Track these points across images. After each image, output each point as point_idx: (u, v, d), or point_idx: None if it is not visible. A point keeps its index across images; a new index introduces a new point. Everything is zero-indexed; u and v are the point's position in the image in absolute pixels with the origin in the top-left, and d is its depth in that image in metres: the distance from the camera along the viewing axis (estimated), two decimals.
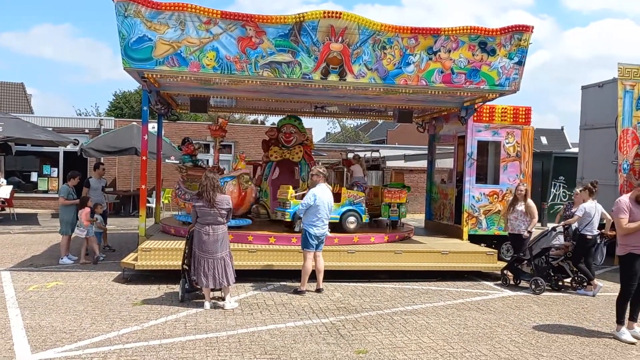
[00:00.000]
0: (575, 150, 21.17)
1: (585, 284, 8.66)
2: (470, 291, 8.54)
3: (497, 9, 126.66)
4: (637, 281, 6.15)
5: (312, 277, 7.95)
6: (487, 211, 10.93)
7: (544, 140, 43.97)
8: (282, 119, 11.52)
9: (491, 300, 8.01)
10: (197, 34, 8.11)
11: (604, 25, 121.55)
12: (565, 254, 8.78)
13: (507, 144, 11.03)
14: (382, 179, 14.28)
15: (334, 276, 8.55)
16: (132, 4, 7.90)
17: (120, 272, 8.65)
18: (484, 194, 10.93)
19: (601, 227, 8.90)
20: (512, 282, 9.01)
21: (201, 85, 9.39)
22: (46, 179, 19.42)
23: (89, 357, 5.12)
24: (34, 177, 19.52)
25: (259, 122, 36.26)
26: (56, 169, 19.41)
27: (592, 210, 8.54)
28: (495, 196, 10.96)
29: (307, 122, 12.07)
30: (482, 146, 11.12)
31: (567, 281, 8.90)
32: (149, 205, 13.69)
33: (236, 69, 8.29)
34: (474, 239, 10.68)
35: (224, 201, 7.02)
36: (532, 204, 8.99)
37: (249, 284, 8.26)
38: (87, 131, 19.63)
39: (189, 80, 8.70)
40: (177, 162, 15.48)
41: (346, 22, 8.31)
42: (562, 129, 49.13)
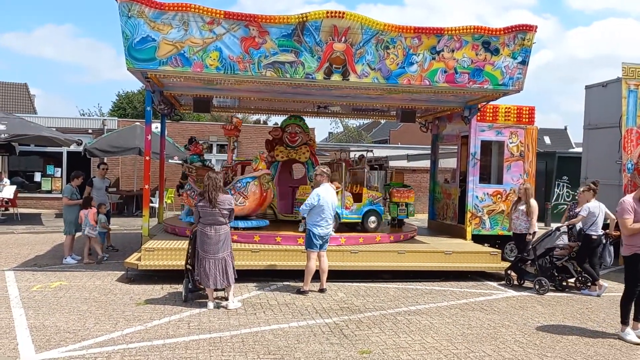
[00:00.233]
0: (578, 150, 21.13)
1: (589, 284, 8.64)
2: (473, 291, 8.52)
3: (499, 8, 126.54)
4: None
5: (315, 277, 7.94)
6: (490, 211, 10.91)
7: (548, 140, 43.84)
8: (286, 118, 11.51)
9: (495, 300, 7.99)
10: (200, 34, 8.11)
11: (607, 24, 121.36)
12: (569, 254, 8.76)
13: (510, 143, 11.01)
14: (384, 179, 14.24)
15: (337, 276, 8.54)
16: (135, 4, 7.91)
17: (123, 272, 8.66)
18: (488, 193, 10.91)
19: (605, 227, 8.88)
20: (516, 282, 8.99)
21: (204, 85, 9.40)
22: (50, 179, 19.49)
23: (92, 357, 5.13)
24: (37, 177, 19.59)
25: (262, 122, 36.31)
26: (60, 169, 19.47)
27: (596, 210, 8.53)
28: (498, 196, 10.94)
29: (309, 121, 12.06)
30: (486, 146, 11.11)
31: (571, 281, 8.88)
32: (152, 205, 13.71)
33: (239, 69, 8.28)
34: (478, 239, 10.66)
35: (226, 201, 7.01)
36: (533, 204, 8.95)
37: (252, 284, 8.26)
38: (90, 131, 19.68)
39: (192, 80, 8.70)
40: (180, 162, 15.54)
41: (349, 22, 8.30)
42: (565, 128, 48.98)
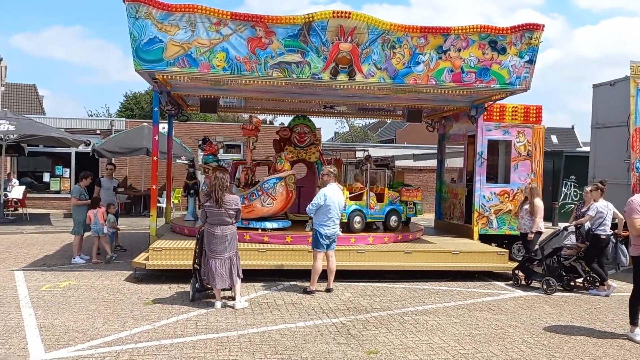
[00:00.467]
0: (586, 149, 20.97)
1: (597, 284, 8.59)
2: (481, 291, 8.50)
3: (505, 9, 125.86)
4: None
5: (322, 276, 7.95)
6: (497, 211, 10.87)
7: (555, 139, 43.56)
8: (294, 118, 11.51)
9: (502, 300, 7.97)
10: (207, 35, 8.15)
11: (614, 23, 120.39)
12: (577, 254, 8.71)
13: (517, 143, 10.97)
14: (391, 179, 14.24)
15: (343, 276, 8.55)
16: (143, 5, 7.95)
17: (131, 272, 8.71)
18: (495, 193, 10.88)
19: (614, 227, 8.82)
20: (523, 282, 8.96)
21: (211, 85, 9.44)
22: (58, 179, 19.61)
23: (101, 356, 5.16)
24: (46, 177, 19.72)
25: (268, 122, 36.33)
26: (68, 170, 19.58)
27: (605, 209, 8.47)
28: (506, 195, 10.90)
29: (315, 121, 12.07)
30: (493, 145, 11.07)
31: (578, 281, 8.83)
32: (159, 205, 13.77)
33: (246, 70, 8.31)
34: (485, 238, 10.63)
35: (232, 201, 7.04)
36: (537, 203, 8.90)
37: (259, 284, 8.28)
38: (98, 132, 19.79)
39: (199, 80, 8.74)
40: (187, 162, 15.59)
41: (355, 22, 8.30)
42: (572, 127, 48.65)
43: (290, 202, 9.87)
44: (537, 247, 8.87)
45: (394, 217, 10.38)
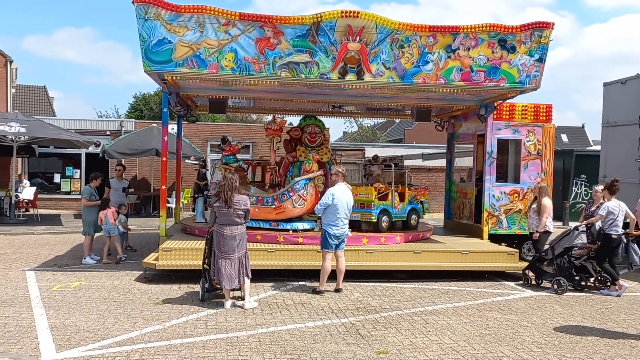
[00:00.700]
0: (596, 148, 20.82)
1: (608, 283, 8.51)
2: (491, 291, 8.46)
3: (515, 7, 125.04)
4: None
5: (331, 276, 7.95)
6: (507, 210, 10.80)
7: (565, 138, 43.30)
8: (305, 118, 11.50)
9: (513, 300, 7.92)
10: (215, 35, 8.17)
11: (624, 21, 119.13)
12: (588, 254, 8.64)
13: (527, 142, 10.90)
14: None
15: (352, 276, 8.54)
16: (152, 6, 7.99)
17: (141, 272, 8.76)
18: (505, 192, 10.81)
19: (625, 226, 8.73)
20: (533, 282, 8.90)
21: (220, 86, 9.47)
22: (69, 180, 19.77)
23: (112, 356, 5.20)
24: (56, 178, 19.89)
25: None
26: (78, 171, 19.73)
27: (616, 209, 8.37)
28: (515, 195, 10.83)
29: (324, 121, 12.05)
30: (502, 144, 11.01)
31: (590, 281, 8.76)
32: (168, 205, 13.83)
33: (254, 70, 8.33)
34: (495, 238, 10.57)
35: (241, 202, 7.05)
36: (545, 203, 8.84)
37: (269, 284, 8.29)
38: (108, 133, 19.91)
39: (208, 81, 8.77)
40: (197, 162, 15.64)
41: (364, 22, 8.28)
42: (583, 126, 48.33)
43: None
44: (547, 246, 8.81)
45: (414, 216, 10.60)
